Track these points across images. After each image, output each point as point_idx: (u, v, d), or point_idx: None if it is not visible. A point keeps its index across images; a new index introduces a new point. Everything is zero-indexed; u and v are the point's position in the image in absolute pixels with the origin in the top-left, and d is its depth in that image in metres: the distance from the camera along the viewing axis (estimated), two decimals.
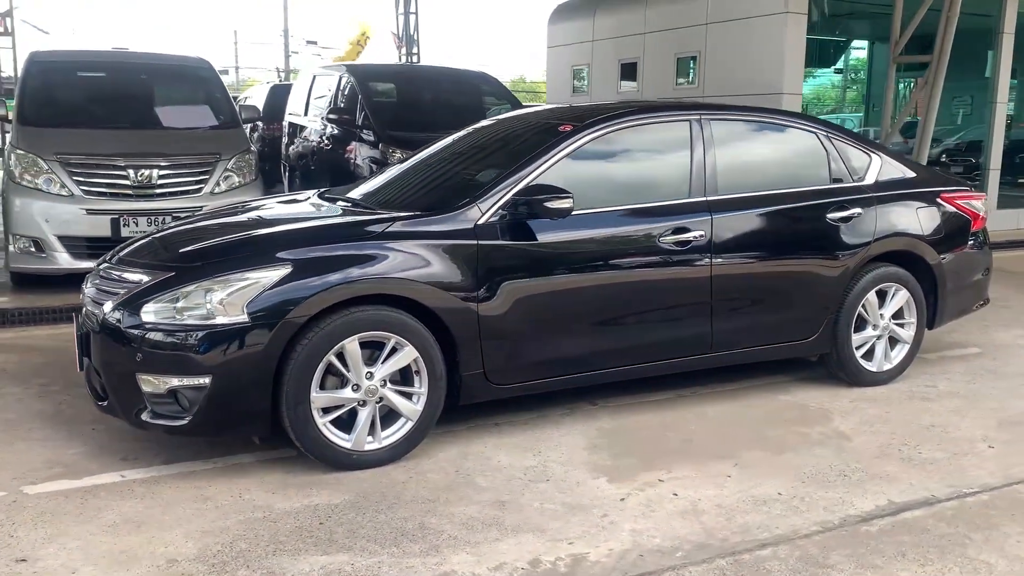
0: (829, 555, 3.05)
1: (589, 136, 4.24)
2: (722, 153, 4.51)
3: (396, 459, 3.75)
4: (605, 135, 4.30)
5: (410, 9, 22.59)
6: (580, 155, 4.22)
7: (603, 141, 4.30)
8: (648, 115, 4.54)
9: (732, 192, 4.48)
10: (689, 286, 4.30)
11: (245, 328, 3.42)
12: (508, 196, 3.91)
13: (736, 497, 3.50)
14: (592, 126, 4.28)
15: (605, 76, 12.75)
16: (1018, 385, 5.04)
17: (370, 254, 3.66)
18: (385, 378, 3.67)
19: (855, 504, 3.45)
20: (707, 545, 3.11)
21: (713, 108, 4.73)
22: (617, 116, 4.40)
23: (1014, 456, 3.98)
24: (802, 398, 4.73)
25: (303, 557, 2.96)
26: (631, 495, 3.50)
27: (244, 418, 3.52)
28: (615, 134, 4.35)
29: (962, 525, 3.29)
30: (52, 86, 7.32)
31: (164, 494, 3.43)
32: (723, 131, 4.58)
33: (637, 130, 4.45)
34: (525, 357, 3.99)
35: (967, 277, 5.23)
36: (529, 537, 3.14)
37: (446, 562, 2.95)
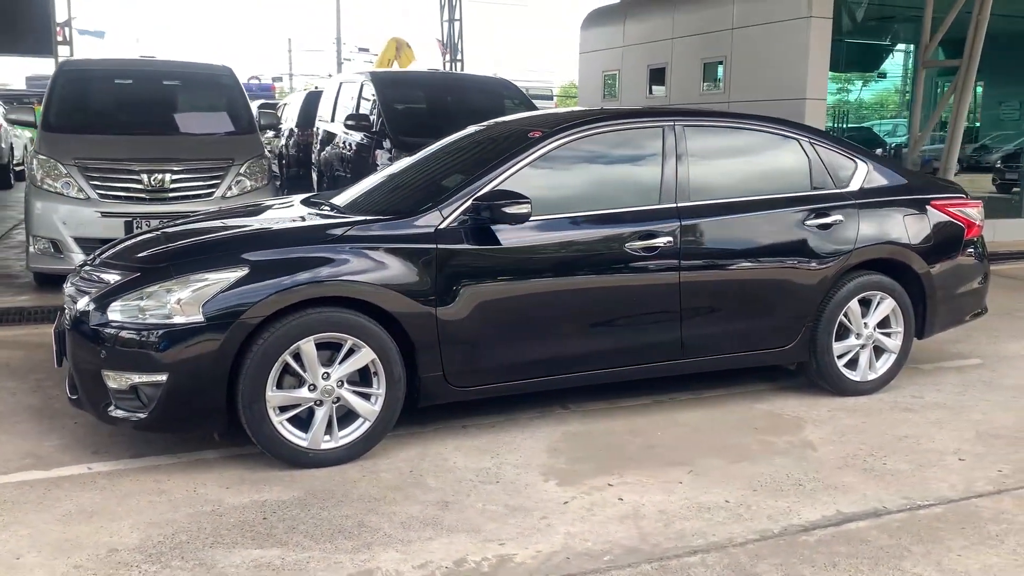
0: (758, 564, 3.03)
1: (555, 143, 4.27)
2: (696, 159, 4.51)
3: (353, 458, 3.83)
4: (574, 142, 4.33)
5: (454, 16, 22.80)
6: (548, 161, 4.26)
7: (573, 148, 4.33)
8: (619, 121, 4.56)
9: (705, 198, 4.47)
10: (656, 292, 4.30)
11: (201, 328, 3.53)
12: (470, 202, 3.97)
13: (681, 504, 3.50)
14: (559, 133, 4.32)
15: (635, 81, 12.72)
16: (1010, 398, 4.92)
17: (327, 257, 3.75)
18: (342, 379, 3.76)
19: (801, 514, 3.42)
20: (638, 550, 3.12)
21: (689, 114, 4.72)
22: (587, 123, 4.43)
23: (982, 470, 3.89)
24: (779, 407, 4.69)
25: (237, 550, 3.06)
26: (576, 499, 3.53)
27: (200, 415, 3.64)
28: (585, 140, 4.38)
29: (905, 537, 3.24)
30: (77, 94, 7.60)
31: (123, 486, 3.57)
32: (699, 137, 4.57)
33: (608, 136, 4.47)
34: (486, 361, 4.04)
35: (960, 286, 5.12)
36: (462, 537, 3.19)
37: (374, 559, 3.02)
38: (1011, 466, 3.94)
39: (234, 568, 2.94)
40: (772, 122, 4.92)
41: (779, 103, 9.85)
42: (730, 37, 10.73)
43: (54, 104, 7.37)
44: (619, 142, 4.50)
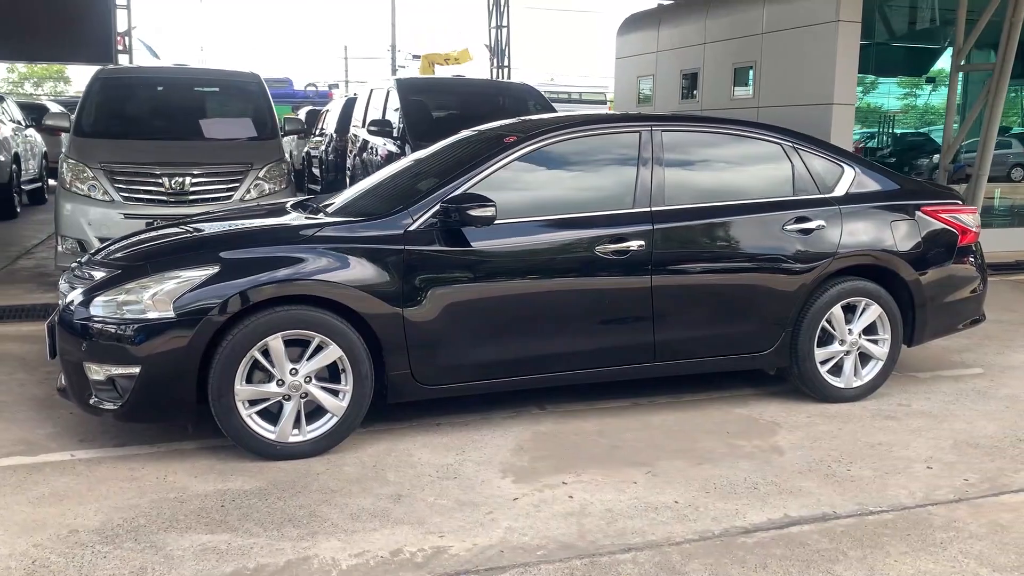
0: (689, 563, 3.07)
1: (528, 148, 4.36)
2: (673, 164, 4.54)
3: (321, 452, 3.96)
4: (548, 146, 4.41)
5: (501, 23, 22.98)
6: (523, 165, 4.34)
7: (547, 152, 4.41)
8: (595, 127, 4.63)
9: (681, 203, 4.50)
10: (627, 296, 4.35)
11: (172, 323, 3.71)
12: (439, 205, 4.08)
13: (629, 503, 3.54)
14: (533, 138, 4.40)
15: (668, 87, 12.70)
16: (1001, 408, 4.83)
17: (297, 257, 3.90)
18: (310, 374, 3.90)
19: (747, 516, 3.44)
20: (573, 546, 3.18)
21: (668, 120, 4.76)
22: (561, 128, 4.50)
23: (948, 478, 3.85)
24: (758, 411, 4.68)
25: (189, 535, 3.21)
26: (527, 496, 3.60)
27: (171, 406, 3.81)
28: (560, 145, 4.45)
29: (846, 542, 3.24)
30: (109, 100, 7.93)
31: (99, 473, 3.76)
32: (676, 142, 4.61)
33: (583, 141, 4.54)
34: (454, 360, 4.14)
35: (952, 294, 5.05)
36: (405, 529, 3.29)
37: (314, 547, 3.14)
38: (979, 475, 3.89)
39: (181, 551, 3.09)
40: (755, 127, 4.92)
41: (806, 108, 9.77)
42: (760, 42, 10.66)
43: (85, 110, 7.71)
44: (595, 147, 4.57)
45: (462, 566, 3.02)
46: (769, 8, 10.51)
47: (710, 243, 4.54)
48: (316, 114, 17.37)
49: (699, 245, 4.51)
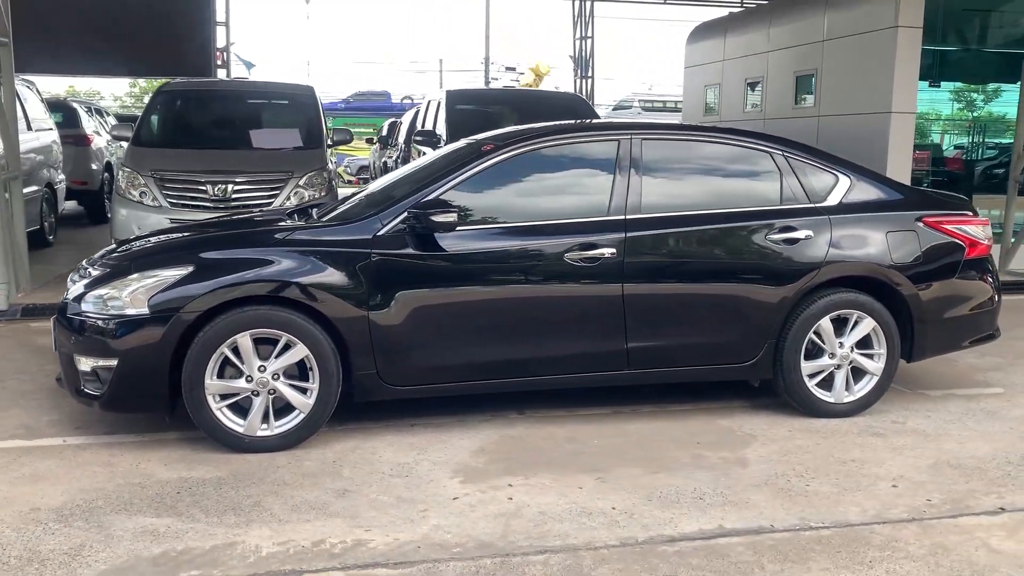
0: (598, 567, 3.08)
1: (502, 157, 4.43)
2: (652, 173, 4.54)
3: (288, 447, 4.13)
4: (524, 154, 4.48)
5: (586, 34, 23.02)
6: (497, 173, 4.43)
7: (524, 161, 4.48)
8: (573, 135, 4.68)
9: (657, 211, 4.49)
10: (598, 303, 4.37)
11: (146, 319, 3.95)
12: (407, 211, 4.20)
13: (566, 507, 3.57)
14: (508, 147, 4.47)
15: (733, 95, 12.50)
16: (1003, 430, 4.61)
17: (266, 259, 4.09)
18: (278, 372, 4.07)
19: (680, 525, 3.42)
20: (490, 545, 3.23)
21: (649, 128, 4.76)
22: (538, 137, 4.57)
23: (909, 498, 3.72)
24: (740, 423, 4.61)
25: (136, 517, 3.42)
26: (468, 496, 3.67)
27: (145, 397, 4.06)
28: (536, 154, 4.52)
29: (769, 555, 3.18)
30: (167, 112, 8.42)
31: (81, 458, 4.03)
32: (657, 151, 4.61)
33: (560, 150, 4.59)
34: (420, 362, 4.25)
35: (957, 309, 4.84)
36: (336, 522, 3.41)
37: (245, 534, 3.29)
38: (945, 496, 3.74)
39: (122, 531, 3.30)
40: (744, 136, 4.86)
41: (865, 117, 9.49)
42: (821, 49, 10.39)
43: (145, 122, 8.20)
44: (572, 155, 4.61)
45: (374, 558, 3.12)
46: (830, 15, 10.24)
47: (686, 252, 4.50)
48: (396, 125, 17.82)
49: (674, 254, 4.49)
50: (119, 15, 17.43)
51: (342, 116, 35.61)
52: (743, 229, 4.54)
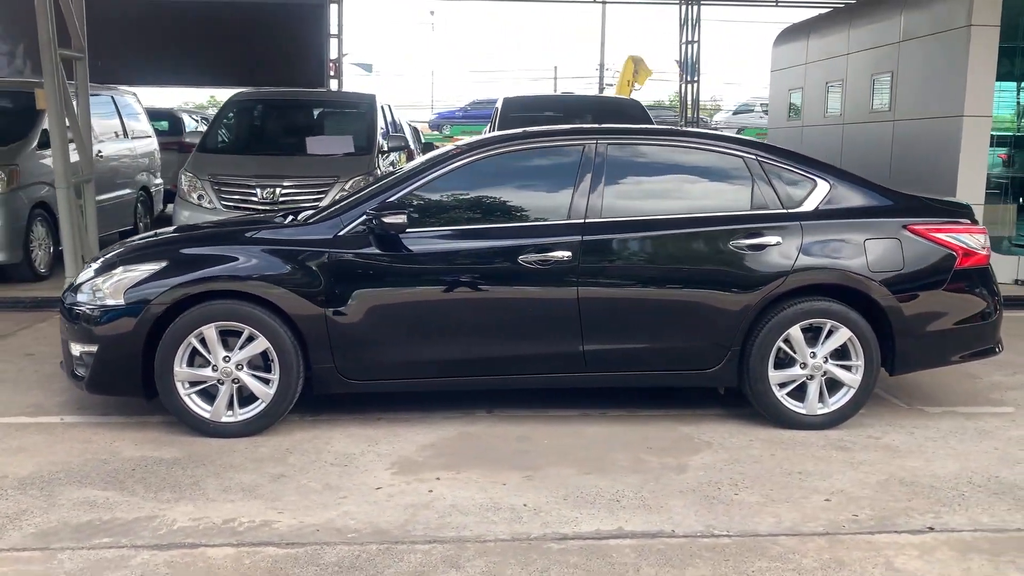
0: (476, 559, 3.17)
1: (466, 160, 4.56)
2: (615, 177, 4.55)
3: (251, 433, 4.39)
4: (488, 158, 4.59)
5: (692, 38, 22.71)
6: (460, 177, 4.56)
7: (488, 164, 4.59)
8: (540, 139, 4.74)
9: (619, 216, 4.50)
10: (552, 305, 4.42)
11: (122, 310, 4.30)
12: (366, 213, 4.39)
13: (480, 501, 3.66)
14: (473, 151, 4.60)
15: (814, 99, 12.11)
16: (987, 450, 4.36)
17: (231, 255, 4.37)
18: (242, 362, 4.34)
19: (580, 525, 3.45)
20: (386, 533, 3.37)
21: (615, 133, 4.77)
22: (504, 142, 4.67)
23: (835, 512, 3.60)
24: (702, 431, 4.55)
25: (84, 489, 3.74)
26: (392, 486, 3.82)
27: (121, 381, 4.40)
28: (500, 158, 4.62)
29: (651, 558, 3.18)
30: (232, 120, 8.97)
31: (67, 435, 4.42)
32: (622, 155, 4.62)
33: (526, 154, 4.67)
34: (377, 359, 4.42)
35: (945, 321, 4.62)
36: (256, 503, 3.63)
37: (170, 510, 3.55)
38: (876, 512, 3.60)
39: (65, 501, 3.63)
40: (716, 140, 4.80)
41: (938, 121, 9.04)
42: (897, 51, 9.95)
43: (211, 129, 8.77)
44: (538, 159, 4.68)
45: (270, 538, 3.32)
46: (907, 14, 9.80)
47: (643, 257, 4.50)
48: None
49: (631, 258, 4.49)
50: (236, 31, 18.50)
51: (460, 124, 36.41)
52: (703, 234, 4.49)
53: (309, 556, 3.18)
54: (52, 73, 7.15)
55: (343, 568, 3.10)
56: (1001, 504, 3.70)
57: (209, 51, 18.33)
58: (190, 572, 3.06)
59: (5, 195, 7.92)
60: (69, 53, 7.62)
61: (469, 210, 4.59)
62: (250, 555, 3.18)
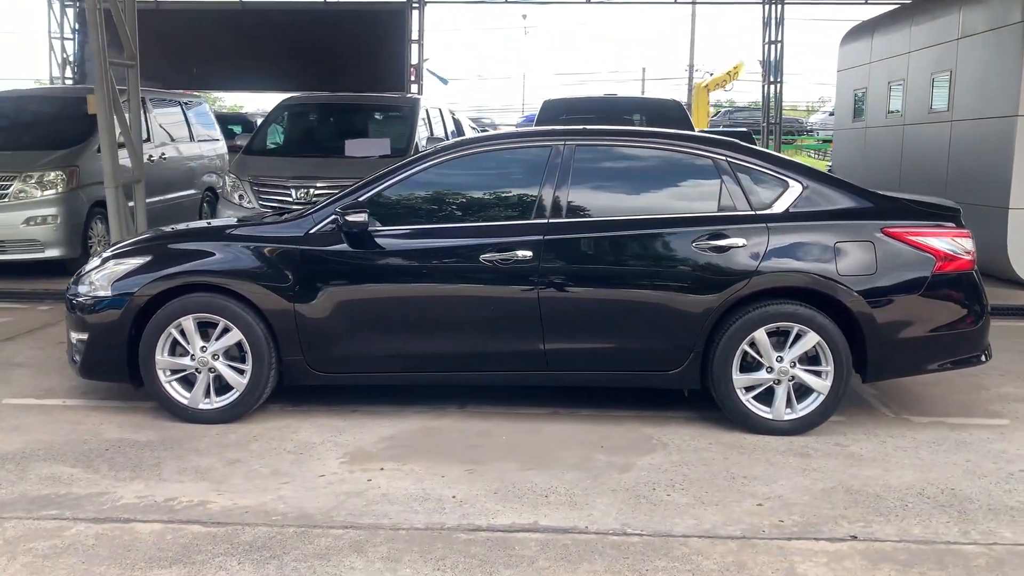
0: (380, 545, 3.28)
1: (437, 160, 4.69)
2: (581, 178, 4.59)
3: (227, 420, 4.62)
4: (456, 159, 4.71)
5: (775, 38, 22.21)
6: (430, 177, 4.69)
7: (457, 165, 4.71)
8: (509, 141, 4.83)
9: (584, 217, 4.54)
10: (514, 304, 4.48)
11: (109, 301, 4.60)
12: (334, 212, 4.57)
13: (411, 491, 3.77)
14: (444, 152, 4.72)
15: (877, 100, 11.73)
16: (953, 462, 4.20)
17: (210, 251, 4.62)
18: (217, 352, 4.58)
19: (497, 518, 3.53)
20: (308, 517, 3.52)
21: (585, 134, 4.79)
22: (476, 143, 4.79)
23: (761, 517, 3.56)
24: (664, 433, 4.53)
25: (54, 466, 4.03)
26: (335, 474, 3.97)
27: (108, 368, 4.70)
28: (471, 159, 4.73)
29: (551, 552, 3.23)
30: (278, 123, 9.34)
31: (62, 416, 4.75)
32: (590, 157, 4.66)
33: (496, 155, 4.77)
34: (342, 352, 4.59)
35: (921, 327, 4.47)
36: (202, 485, 3.84)
37: (122, 488, 3.80)
38: (803, 519, 3.54)
39: (33, 476, 3.92)
40: (687, 141, 4.76)
41: (993, 121, 8.66)
42: (955, 49, 9.56)
43: (259, 132, 9.16)
44: (507, 160, 4.77)
45: (199, 517, 3.51)
46: (965, 10, 9.41)
47: (605, 257, 4.52)
48: None
49: (592, 259, 4.52)
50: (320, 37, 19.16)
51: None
52: (665, 235, 4.48)
53: (226, 535, 3.36)
54: (102, 80, 7.63)
55: (253, 548, 3.26)
56: (941, 517, 3.58)
57: (294, 57, 19.03)
58: (113, 544, 3.28)
59: (65, 194, 8.49)
60: (120, 61, 8.10)
61: (436, 210, 4.71)
62: (173, 531, 3.38)
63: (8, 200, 8.31)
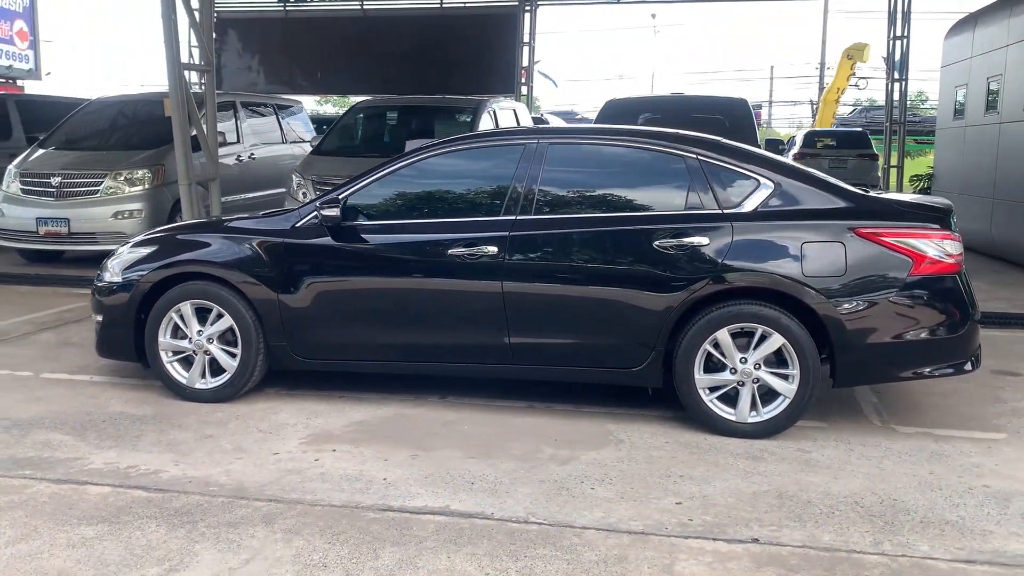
0: (290, 519, 3.49)
1: (416, 158, 4.87)
2: (551, 176, 4.66)
3: (221, 400, 4.96)
4: (436, 157, 4.88)
5: (901, 33, 21.13)
6: (409, 176, 4.89)
7: (436, 163, 4.88)
8: (486, 140, 4.95)
9: (549, 214, 4.62)
10: (479, 298, 4.61)
11: (119, 286, 5.04)
12: (316, 207, 4.83)
13: (350, 472, 3.97)
14: (425, 150, 4.90)
15: (977, 96, 11.03)
16: (912, 474, 4.02)
17: (207, 242, 4.97)
18: (212, 336, 4.93)
19: (413, 500, 3.67)
20: (243, 490, 3.78)
21: (558, 133, 4.86)
22: (454, 142, 4.95)
23: (671, 515, 3.55)
24: (625, 430, 4.54)
25: (50, 433, 4.47)
26: (289, 453, 4.22)
27: (119, 347, 5.13)
28: (446, 157, 4.89)
29: (444, 534, 3.35)
30: (348, 126, 9.78)
31: (82, 391, 5.22)
32: (561, 155, 4.72)
33: (471, 153, 4.90)
34: (322, 340, 4.85)
35: (894, 332, 4.29)
36: (167, 455, 4.17)
37: (98, 455, 4.18)
38: (712, 519, 3.51)
39: (30, 440, 4.36)
40: (660, 139, 4.73)
41: None
42: None
43: (328, 134, 9.62)
44: (482, 158, 4.90)
45: (146, 484, 3.83)
46: None
47: (568, 254, 4.56)
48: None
49: (556, 255, 4.57)
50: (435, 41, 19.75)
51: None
52: (628, 233, 4.49)
53: (161, 500, 3.66)
54: (176, 85, 8.25)
55: (178, 513, 3.55)
56: (863, 526, 3.46)
57: (409, 61, 19.67)
58: (60, 503, 3.63)
59: (151, 191, 9.21)
60: (196, 66, 8.71)
61: (412, 206, 4.90)
62: (117, 495, 3.71)
63: (100, 195, 9.10)
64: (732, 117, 9.16)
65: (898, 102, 21.57)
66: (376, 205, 4.88)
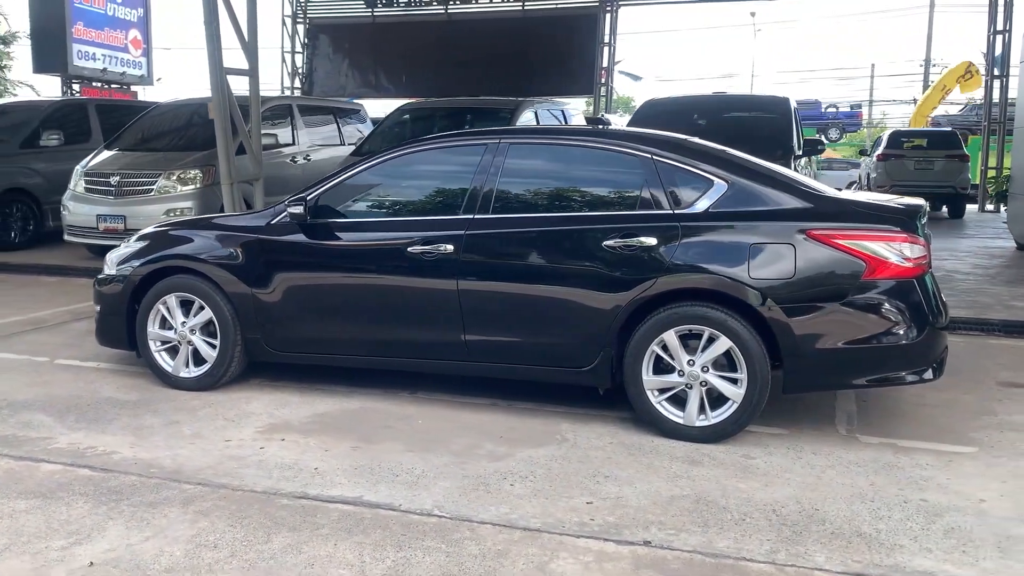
0: (209, 503, 3.66)
1: (384, 158, 5.00)
2: (510, 176, 4.71)
3: (203, 388, 5.21)
4: (403, 157, 4.99)
5: (1003, 27, 20.02)
6: (377, 174, 5.03)
7: (403, 162, 5.00)
8: (449, 140, 5.02)
9: (505, 213, 4.66)
10: (436, 295, 4.68)
11: (112, 278, 5.35)
12: (287, 205, 5.01)
13: (286, 461, 4.11)
14: (394, 150, 5.02)
15: None
16: (849, 483, 3.89)
17: (191, 238, 5.23)
18: (194, 328, 5.18)
19: (331, 489, 3.79)
20: (179, 472, 3.97)
21: (520, 133, 4.89)
22: (421, 142, 5.05)
23: (575, 514, 3.55)
24: (575, 431, 4.53)
25: (35, 414, 4.79)
26: (241, 440, 4.40)
27: (113, 336, 5.45)
28: (416, 156, 5.00)
29: (344, 523, 3.45)
30: (390, 127, 10.01)
31: (84, 376, 5.56)
32: (522, 155, 4.76)
33: (436, 154, 4.99)
34: (292, 334, 5.03)
35: (845, 337, 4.14)
36: (127, 438, 4.42)
37: (67, 435, 4.46)
38: (616, 520, 3.50)
39: (14, 420, 4.69)
40: (619, 139, 4.71)
41: None
42: None
43: (370, 135, 9.89)
44: (446, 158, 4.98)
45: (96, 464, 4.07)
46: None
47: (520, 253, 4.59)
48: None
49: (509, 254, 4.61)
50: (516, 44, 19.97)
51: None
52: (579, 233, 4.48)
53: (100, 479, 3.89)
54: (219, 89, 8.64)
55: (109, 491, 3.76)
56: (768, 534, 3.38)
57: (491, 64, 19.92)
58: (12, 478, 3.91)
59: (201, 190, 9.66)
60: (238, 71, 9.09)
61: (378, 204, 5.03)
62: (64, 473, 3.97)
63: (154, 194, 9.60)
64: (770, 116, 8.93)
65: (998, 100, 20.53)
66: (344, 204, 5.02)
